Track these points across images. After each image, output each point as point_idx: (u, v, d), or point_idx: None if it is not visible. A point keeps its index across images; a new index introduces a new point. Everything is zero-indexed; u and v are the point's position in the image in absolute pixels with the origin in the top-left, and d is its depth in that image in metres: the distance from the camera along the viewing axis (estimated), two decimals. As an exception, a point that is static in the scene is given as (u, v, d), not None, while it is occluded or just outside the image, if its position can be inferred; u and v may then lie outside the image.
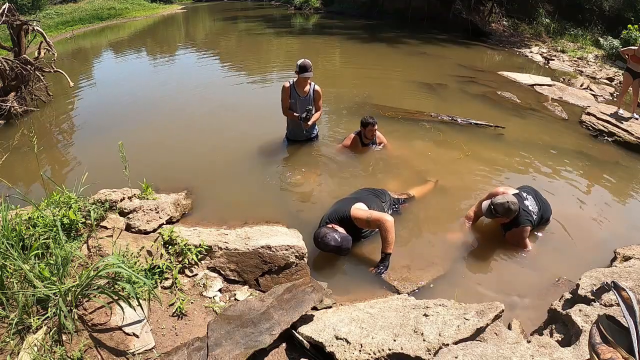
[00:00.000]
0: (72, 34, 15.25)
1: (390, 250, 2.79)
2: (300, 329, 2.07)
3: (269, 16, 20.49)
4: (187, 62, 10.51)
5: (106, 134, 5.10)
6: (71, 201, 2.62)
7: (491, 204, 2.98)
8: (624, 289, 1.08)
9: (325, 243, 2.74)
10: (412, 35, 12.58)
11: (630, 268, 2.45)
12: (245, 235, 2.79)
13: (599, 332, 1.02)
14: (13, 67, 5.80)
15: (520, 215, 3.01)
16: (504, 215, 2.96)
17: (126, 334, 1.98)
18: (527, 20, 13.92)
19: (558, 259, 3.00)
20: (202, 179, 3.91)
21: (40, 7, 16.90)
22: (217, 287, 2.46)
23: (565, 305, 2.25)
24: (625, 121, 5.69)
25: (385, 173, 4.10)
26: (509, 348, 1.79)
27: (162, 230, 2.71)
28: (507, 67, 9.14)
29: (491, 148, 4.86)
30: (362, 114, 4.89)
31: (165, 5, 24.58)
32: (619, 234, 3.31)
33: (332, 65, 9.79)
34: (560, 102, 6.84)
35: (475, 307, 2.08)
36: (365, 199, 3.09)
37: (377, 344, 1.89)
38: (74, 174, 3.66)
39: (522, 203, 3.07)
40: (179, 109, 6.07)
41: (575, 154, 4.93)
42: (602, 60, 10.65)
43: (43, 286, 1.95)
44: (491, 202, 2.99)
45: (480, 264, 2.99)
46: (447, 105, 6.18)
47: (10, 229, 2.22)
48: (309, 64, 4.02)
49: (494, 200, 2.98)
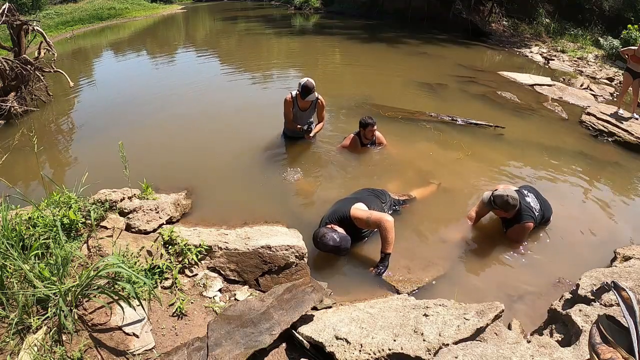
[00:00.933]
0: (72, 34, 15.25)
1: (389, 251, 2.78)
2: (300, 329, 2.07)
3: (269, 16, 20.49)
4: (187, 62, 10.50)
5: (106, 134, 5.10)
6: (71, 201, 2.62)
7: (492, 195, 3.06)
8: (624, 289, 1.08)
9: (324, 243, 2.74)
10: (412, 35, 12.58)
11: (630, 268, 2.45)
12: (245, 235, 2.79)
13: (599, 332, 1.02)
14: (13, 67, 5.80)
15: (523, 210, 3.03)
16: (502, 208, 3.00)
17: (126, 334, 1.98)
18: (527, 20, 13.92)
19: (558, 259, 3.00)
20: (202, 179, 3.91)
21: (40, 7, 16.90)
22: (217, 287, 2.46)
23: (565, 305, 2.25)
24: (625, 121, 5.69)
25: (385, 173, 4.10)
26: (509, 348, 1.79)
27: (162, 230, 2.71)
28: (507, 67, 9.14)
29: (491, 148, 4.86)
30: (362, 114, 4.89)
31: (165, 5, 24.58)
32: (619, 234, 3.31)
33: (332, 65, 9.79)
34: (560, 102, 6.84)
35: (475, 307, 2.08)
36: (365, 199, 3.09)
37: (377, 344, 1.89)
38: (74, 174, 3.66)
39: (524, 199, 3.09)
40: (179, 109, 6.07)
41: (575, 154, 4.93)
42: (602, 60, 10.65)
43: (43, 286, 1.95)
44: (492, 194, 3.07)
45: (480, 264, 2.99)
46: (447, 105, 6.17)
47: (10, 229, 2.22)
48: (312, 85, 3.94)
49: (494, 192, 3.06)
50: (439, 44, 11.73)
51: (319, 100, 4.20)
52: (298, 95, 4.11)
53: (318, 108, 4.30)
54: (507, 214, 3.05)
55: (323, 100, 4.27)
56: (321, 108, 4.30)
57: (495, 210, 3.11)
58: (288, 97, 4.16)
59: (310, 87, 3.95)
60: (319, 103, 4.24)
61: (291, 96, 4.15)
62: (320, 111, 4.32)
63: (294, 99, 4.15)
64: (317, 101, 4.20)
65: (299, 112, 4.21)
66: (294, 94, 4.16)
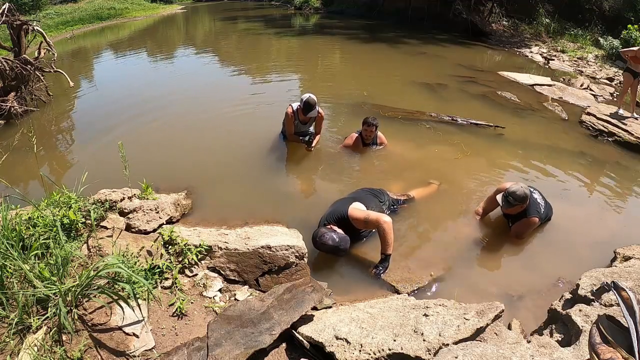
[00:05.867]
0: (72, 34, 15.22)
1: (389, 251, 2.78)
2: (300, 329, 2.07)
3: (269, 16, 20.47)
4: (187, 62, 10.50)
5: (106, 134, 5.09)
6: (71, 201, 2.62)
7: (506, 194, 2.98)
8: (624, 289, 1.08)
9: (323, 243, 2.74)
10: (412, 35, 12.57)
11: (630, 268, 2.45)
12: (245, 235, 2.79)
13: (599, 332, 1.02)
14: (13, 67, 5.80)
15: (530, 205, 3.03)
16: (521, 201, 2.97)
17: (126, 334, 1.98)
18: (527, 20, 13.92)
19: (558, 259, 3.00)
20: (202, 179, 3.91)
21: (40, 7, 16.88)
22: (217, 287, 2.46)
23: (565, 305, 2.25)
24: (625, 121, 5.69)
25: (386, 173, 4.10)
26: (509, 348, 1.79)
27: (162, 230, 2.71)
28: (507, 67, 9.14)
29: (491, 148, 4.86)
30: (361, 113, 4.90)
31: (165, 5, 24.55)
32: (619, 234, 3.31)
33: (332, 65, 9.79)
34: (560, 102, 6.84)
35: (475, 307, 2.08)
36: (364, 199, 3.09)
37: (377, 344, 1.88)
38: (73, 174, 3.65)
39: (531, 195, 3.09)
40: (179, 109, 6.07)
41: (575, 154, 4.93)
42: (602, 60, 10.65)
43: (43, 286, 1.95)
44: (506, 192, 3.00)
45: (481, 264, 2.99)
46: (447, 105, 6.17)
47: (10, 229, 2.22)
48: (314, 101, 3.96)
49: (508, 189, 2.99)
50: (439, 44, 11.73)
51: (320, 113, 4.24)
52: (299, 109, 4.13)
53: (317, 120, 4.35)
54: (522, 207, 3.02)
55: (323, 114, 4.30)
56: (320, 120, 4.34)
57: (509, 209, 3.06)
58: (289, 110, 4.17)
59: (312, 104, 3.98)
60: (319, 116, 4.27)
61: (292, 110, 4.17)
62: (320, 123, 4.36)
63: (295, 113, 4.16)
64: (318, 114, 4.24)
65: (300, 124, 4.29)
66: (295, 108, 4.19)
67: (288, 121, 4.22)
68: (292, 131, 4.30)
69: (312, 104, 3.98)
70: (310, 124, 4.36)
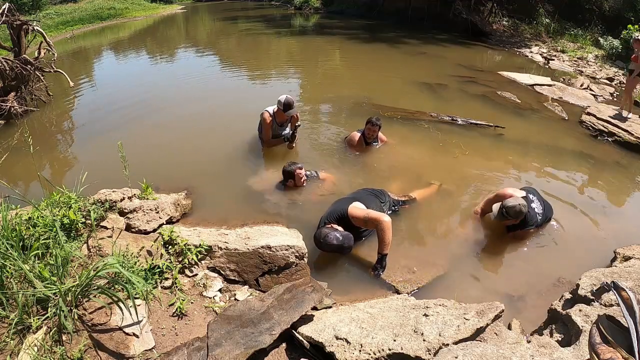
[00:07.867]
0: (72, 34, 15.23)
1: (386, 251, 2.77)
2: (300, 329, 2.07)
3: (269, 16, 20.47)
4: (187, 62, 10.50)
5: (106, 134, 5.09)
6: (71, 201, 2.62)
7: (502, 207, 2.96)
8: (624, 289, 1.08)
9: (327, 243, 2.74)
10: (412, 35, 12.57)
11: (630, 268, 2.45)
12: (245, 235, 2.79)
13: (599, 332, 1.02)
14: (13, 67, 5.80)
15: (527, 218, 3.02)
16: (515, 217, 2.96)
17: (126, 334, 1.98)
18: (527, 20, 13.92)
19: (558, 259, 3.00)
20: (202, 179, 3.91)
21: (40, 7, 16.89)
22: (217, 287, 2.46)
23: (565, 305, 2.25)
24: (625, 121, 5.69)
25: (386, 174, 4.10)
26: (509, 348, 1.79)
27: (162, 230, 2.71)
28: (507, 67, 9.14)
29: (491, 148, 4.86)
30: (361, 113, 4.91)
31: (165, 5, 24.56)
32: (619, 234, 3.30)
33: (332, 65, 9.78)
34: (560, 102, 6.84)
35: (475, 307, 2.08)
36: (364, 199, 3.09)
37: (377, 344, 1.88)
38: (73, 174, 3.65)
39: (530, 206, 3.07)
40: (179, 109, 6.07)
41: (575, 154, 4.93)
42: (602, 60, 10.64)
43: (43, 286, 1.95)
44: (502, 205, 2.97)
45: (481, 264, 2.99)
46: (447, 105, 6.17)
47: (10, 229, 2.22)
48: (292, 100, 4.10)
49: (505, 203, 2.96)
50: (439, 44, 11.72)
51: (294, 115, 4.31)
52: (277, 111, 4.19)
53: (292, 120, 4.39)
54: (515, 221, 3.03)
55: (297, 113, 4.37)
56: (295, 120, 4.38)
57: (502, 221, 3.06)
58: (266, 115, 4.21)
59: (291, 102, 4.10)
60: (295, 115, 4.31)
61: (269, 114, 4.21)
62: (295, 121, 4.38)
63: (273, 116, 4.22)
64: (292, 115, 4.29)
65: (277, 127, 4.34)
66: (272, 111, 4.22)
67: (266, 126, 4.24)
68: (270, 136, 4.33)
69: (291, 102, 4.09)
70: (286, 125, 4.39)
